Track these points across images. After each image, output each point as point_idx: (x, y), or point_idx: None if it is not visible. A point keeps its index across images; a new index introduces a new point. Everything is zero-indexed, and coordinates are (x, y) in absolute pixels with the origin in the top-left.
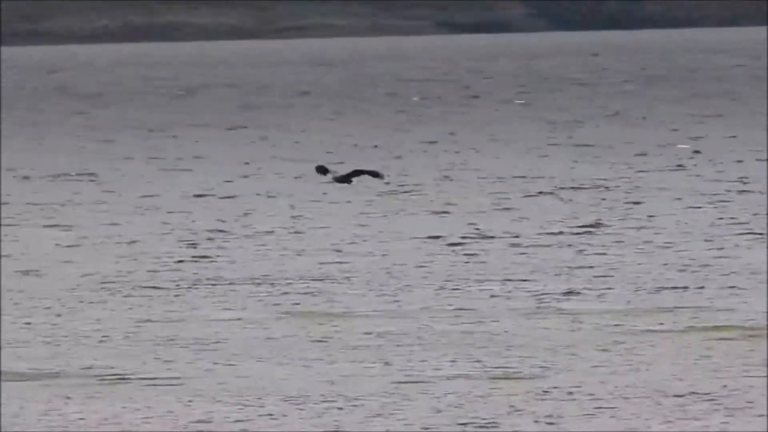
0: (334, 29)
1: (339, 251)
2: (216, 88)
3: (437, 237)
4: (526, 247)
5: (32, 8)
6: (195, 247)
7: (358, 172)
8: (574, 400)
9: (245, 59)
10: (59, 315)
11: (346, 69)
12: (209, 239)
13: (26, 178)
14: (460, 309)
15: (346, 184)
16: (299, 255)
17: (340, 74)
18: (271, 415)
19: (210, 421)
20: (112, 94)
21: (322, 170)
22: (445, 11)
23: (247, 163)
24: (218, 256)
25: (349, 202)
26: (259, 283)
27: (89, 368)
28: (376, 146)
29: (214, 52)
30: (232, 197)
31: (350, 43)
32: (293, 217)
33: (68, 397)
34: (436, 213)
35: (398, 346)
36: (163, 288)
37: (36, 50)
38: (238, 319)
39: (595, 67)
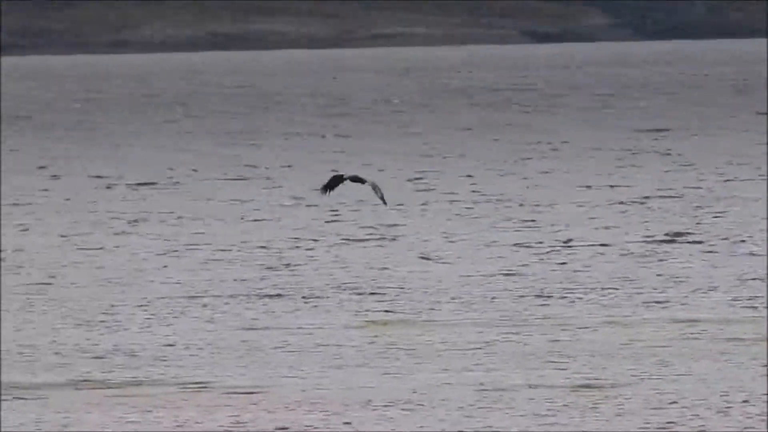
0: (417, 38)
1: (426, 260)
2: (299, 97)
3: (525, 245)
4: (614, 255)
5: (117, 17)
6: (281, 256)
7: (339, 179)
8: (667, 408)
9: (327, 67)
10: (145, 324)
11: (428, 77)
12: (296, 247)
13: (109, 187)
14: (546, 317)
15: (329, 191)
16: (386, 263)
17: (421, 82)
18: (350, 422)
19: (291, 428)
20: (199, 102)
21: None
22: (530, 21)
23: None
24: (304, 264)
25: (433, 210)
26: (344, 291)
27: (174, 377)
28: (462, 155)
29: (299, 59)
30: (316, 206)
31: (432, 52)
32: (382, 225)
33: (152, 406)
34: (524, 221)
35: (486, 354)
36: (248, 296)
37: (122, 59)
38: (321, 327)
39: (677, 75)
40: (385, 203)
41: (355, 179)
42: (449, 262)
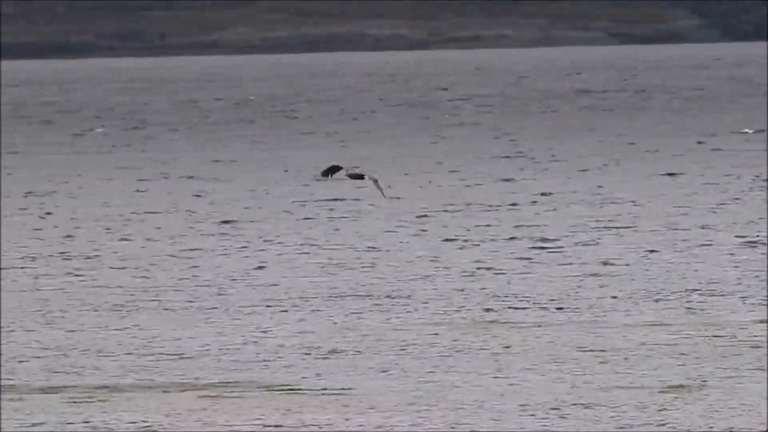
0: (506, 40)
1: (526, 259)
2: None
3: (635, 247)
4: (722, 255)
5: (205, 19)
6: (371, 256)
7: (337, 168)
8: None
9: (419, 69)
10: (234, 326)
11: (514, 78)
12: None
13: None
14: (652, 323)
15: (325, 179)
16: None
17: (509, 83)
18: (444, 424)
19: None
20: (299, 104)
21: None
22: (618, 22)
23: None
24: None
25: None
26: (434, 289)
27: (263, 379)
28: (553, 156)
29: (388, 60)
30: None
31: (521, 53)
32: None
33: (241, 408)
34: (630, 222)
35: (595, 357)
36: (343, 297)
37: (208, 60)
38: (411, 328)
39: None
40: (384, 196)
41: (355, 176)
42: (548, 263)
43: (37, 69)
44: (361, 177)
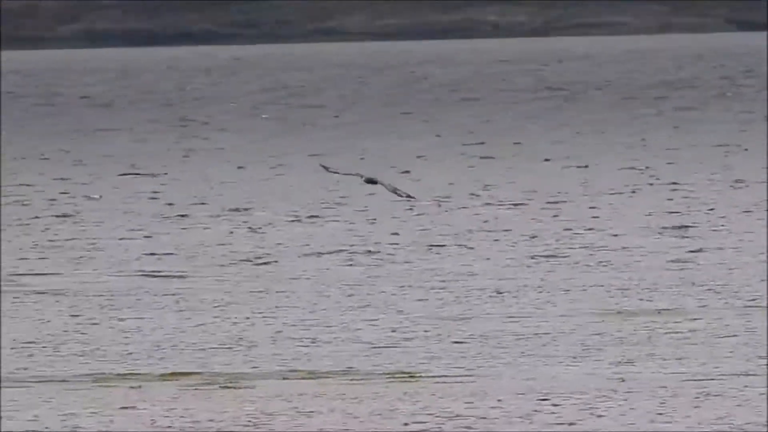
0: (622, 27)
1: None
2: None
3: None
4: None
5: (323, 6)
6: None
7: (371, 181)
8: None
9: (549, 55)
10: (352, 312)
11: (633, 65)
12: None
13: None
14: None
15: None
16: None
17: (628, 69)
18: (556, 412)
19: (496, 418)
20: (418, 93)
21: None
22: (738, 10)
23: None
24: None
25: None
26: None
27: (384, 365)
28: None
29: (505, 48)
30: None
31: (639, 41)
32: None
33: (360, 396)
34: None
35: (693, 343)
36: (453, 283)
37: (326, 47)
38: (526, 317)
39: None
40: (399, 195)
41: (370, 181)
42: (653, 250)
43: (163, 57)
44: (374, 182)
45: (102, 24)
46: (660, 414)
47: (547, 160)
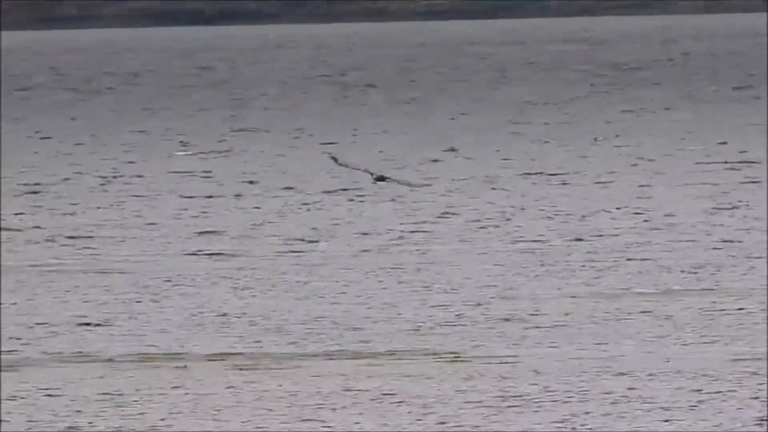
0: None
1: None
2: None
3: None
4: None
5: None
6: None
7: (382, 178)
8: None
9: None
10: (398, 293)
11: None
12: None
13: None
14: None
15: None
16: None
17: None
18: (607, 392)
19: (539, 398)
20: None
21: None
22: None
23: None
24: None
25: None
26: (592, 260)
27: (431, 347)
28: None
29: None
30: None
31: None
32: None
33: (405, 376)
34: None
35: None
36: (508, 264)
37: (376, 26)
38: (573, 297)
39: None
40: (413, 188)
41: (380, 179)
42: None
43: (209, 36)
44: (384, 179)
45: (150, 3)
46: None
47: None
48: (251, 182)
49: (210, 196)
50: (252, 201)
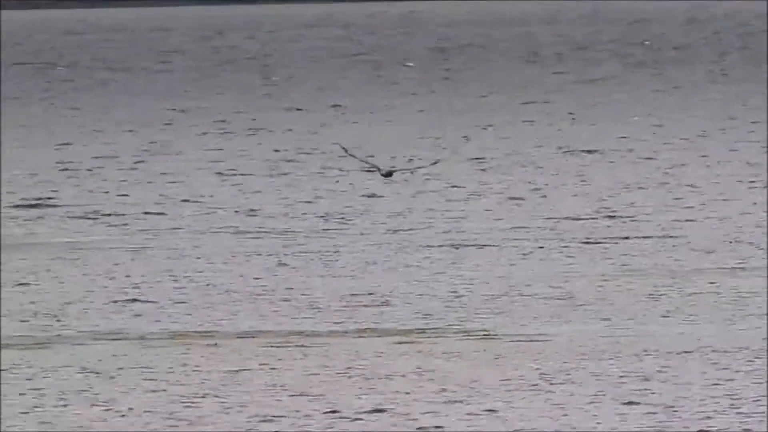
0: None
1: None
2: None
3: None
4: None
5: None
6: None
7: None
8: None
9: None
10: (431, 270)
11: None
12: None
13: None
14: None
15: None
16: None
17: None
18: (640, 370)
19: (570, 377)
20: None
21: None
22: None
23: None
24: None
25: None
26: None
27: (459, 324)
28: None
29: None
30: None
31: None
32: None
33: (436, 353)
34: None
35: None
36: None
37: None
38: (606, 274)
39: None
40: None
41: (387, 174)
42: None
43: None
44: (391, 174)
45: None
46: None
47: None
48: (288, 161)
49: (246, 174)
50: (287, 179)
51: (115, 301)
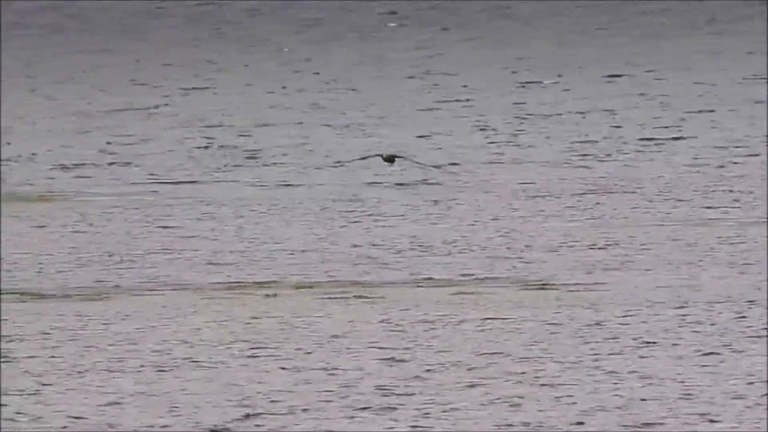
0: None
1: None
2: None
3: None
4: None
5: None
6: None
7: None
8: None
9: None
10: (484, 220)
11: None
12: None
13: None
14: None
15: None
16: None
17: None
18: (695, 321)
19: (624, 325)
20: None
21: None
22: None
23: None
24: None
25: None
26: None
27: (514, 275)
28: None
29: None
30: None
31: None
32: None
33: (489, 304)
34: None
35: None
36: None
37: None
38: (662, 224)
39: None
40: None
41: (389, 159)
42: None
43: None
44: (394, 159)
45: None
46: None
47: None
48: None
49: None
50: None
51: (164, 250)
